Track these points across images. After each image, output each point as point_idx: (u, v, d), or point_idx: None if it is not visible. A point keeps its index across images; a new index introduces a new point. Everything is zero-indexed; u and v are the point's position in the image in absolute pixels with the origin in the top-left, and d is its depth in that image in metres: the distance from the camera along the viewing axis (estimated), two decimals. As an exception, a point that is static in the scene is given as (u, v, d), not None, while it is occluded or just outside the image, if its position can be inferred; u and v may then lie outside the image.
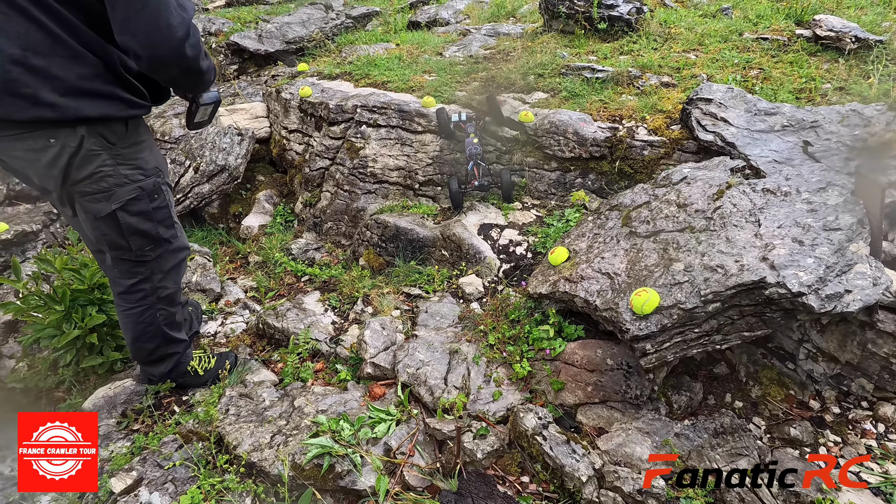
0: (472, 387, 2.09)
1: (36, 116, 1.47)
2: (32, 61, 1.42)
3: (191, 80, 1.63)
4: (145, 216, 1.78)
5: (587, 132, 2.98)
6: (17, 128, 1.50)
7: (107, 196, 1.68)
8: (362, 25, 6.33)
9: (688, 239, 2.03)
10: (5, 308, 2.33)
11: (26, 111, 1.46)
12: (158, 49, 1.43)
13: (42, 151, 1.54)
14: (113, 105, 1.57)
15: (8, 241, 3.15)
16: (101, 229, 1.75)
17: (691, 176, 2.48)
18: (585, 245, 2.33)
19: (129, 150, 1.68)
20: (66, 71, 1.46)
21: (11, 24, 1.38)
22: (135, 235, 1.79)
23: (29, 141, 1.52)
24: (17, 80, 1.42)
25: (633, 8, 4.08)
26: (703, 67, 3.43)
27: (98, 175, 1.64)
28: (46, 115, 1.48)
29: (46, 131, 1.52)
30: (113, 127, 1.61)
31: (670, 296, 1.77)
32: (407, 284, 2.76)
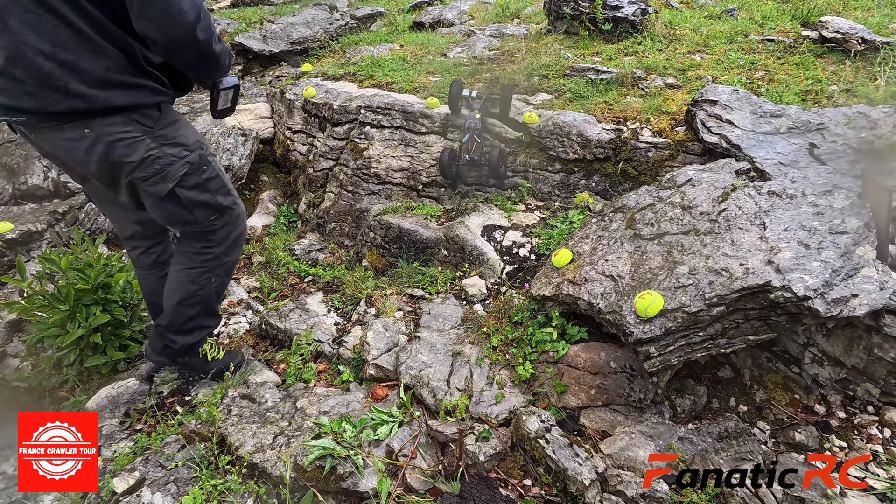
0: (475, 389, 2.09)
1: (69, 108, 1.56)
2: (61, 56, 1.50)
3: (205, 63, 1.70)
4: (201, 188, 1.86)
5: (591, 134, 2.97)
6: (54, 119, 1.59)
7: (162, 177, 1.76)
8: (367, 26, 6.33)
9: (692, 241, 2.02)
10: (10, 307, 2.34)
11: (60, 103, 1.54)
12: (172, 32, 1.52)
13: (79, 141, 1.63)
14: (140, 93, 1.64)
15: (13, 240, 3.16)
16: (168, 208, 1.84)
17: (696, 178, 2.47)
18: (589, 247, 2.32)
19: (166, 130, 1.75)
20: (94, 64, 1.54)
21: (42, 22, 1.46)
22: (198, 208, 1.88)
23: (67, 131, 1.61)
24: (49, 74, 1.50)
25: (638, 9, 4.07)
26: (709, 69, 3.41)
27: (149, 159, 1.72)
28: (78, 106, 1.56)
29: (81, 122, 1.60)
30: (146, 112, 1.69)
31: (674, 299, 1.76)
32: (410, 286, 2.76)
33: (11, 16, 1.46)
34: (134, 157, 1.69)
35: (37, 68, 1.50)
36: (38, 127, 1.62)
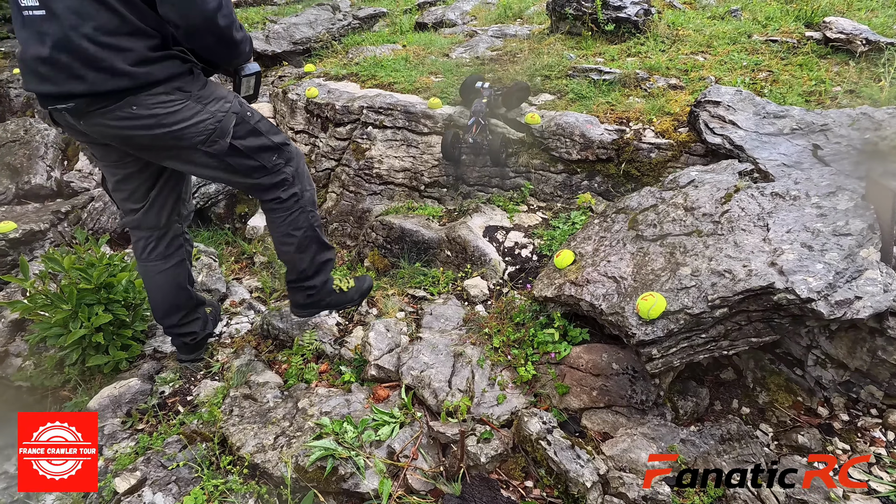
0: (477, 390, 2.08)
1: (116, 86, 1.61)
2: (103, 39, 1.56)
3: (226, 49, 1.74)
4: (254, 133, 1.92)
5: (594, 134, 2.97)
6: (103, 100, 1.63)
7: (219, 134, 1.81)
8: (369, 26, 6.33)
9: (695, 243, 2.01)
10: (13, 307, 2.34)
11: (108, 82, 1.60)
12: (193, 18, 1.57)
13: (129, 119, 1.69)
14: (174, 63, 1.70)
15: (16, 239, 3.17)
16: (234, 163, 1.90)
17: (699, 179, 2.46)
18: (591, 248, 2.32)
19: (204, 90, 1.80)
20: (133, 44, 1.61)
21: (84, 6, 1.53)
22: (258, 153, 1.93)
23: (116, 111, 1.66)
24: (95, 56, 1.57)
25: (641, 9, 4.06)
26: (712, 70, 3.40)
27: (202, 122, 1.78)
28: (124, 84, 1.62)
29: (127, 100, 1.65)
30: (183, 79, 1.74)
31: (677, 300, 1.76)
32: (412, 286, 2.76)
33: (56, 2, 1.53)
34: (185, 122, 1.75)
35: (83, 51, 1.55)
36: (85, 111, 1.66)
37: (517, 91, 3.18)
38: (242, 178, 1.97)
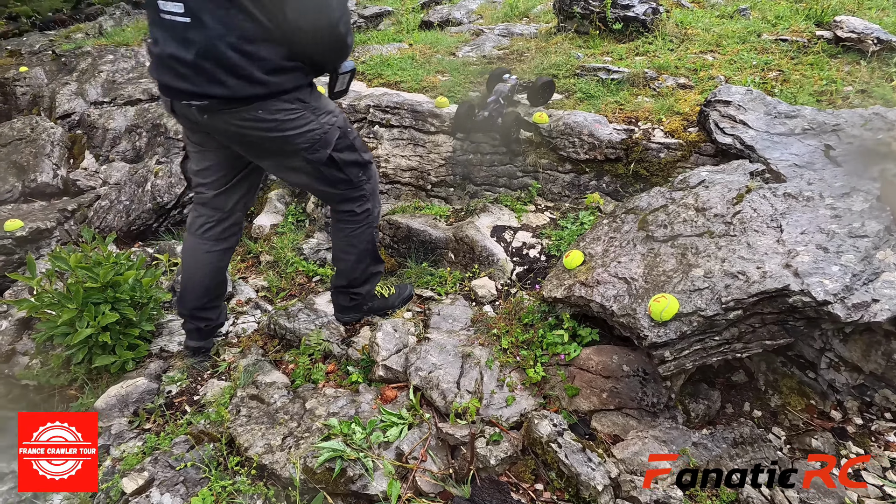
0: (485, 391, 2.07)
1: (252, 93, 1.74)
2: (245, 48, 1.67)
3: (339, 53, 1.86)
4: (350, 149, 2.06)
5: (602, 134, 2.94)
6: (238, 104, 1.76)
7: (323, 144, 1.95)
8: (374, 25, 6.32)
9: (707, 244, 1.99)
10: (20, 305, 2.34)
11: (246, 89, 1.72)
12: (320, 24, 1.68)
13: (253, 121, 1.80)
14: (298, 75, 1.82)
15: (23, 237, 3.17)
16: (326, 172, 2.03)
17: (709, 179, 2.43)
18: (601, 249, 2.30)
19: (317, 103, 1.93)
20: (270, 53, 1.71)
21: (230, 16, 1.62)
22: (349, 167, 2.07)
23: (242, 113, 1.78)
24: (237, 65, 1.68)
25: (649, 8, 4.03)
26: (721, 69, 3.38)
27: (312, 132, 1.91)
28: (259, 92, 1.75)
29: (256, 105, 1.78)
30: (303, 91, 1.87)
31: (690, 302, 1.74)
32: (419, 286, 2.74)
33: (205, 12, 1.62)
34: (299, 129, 1.87)
35: (226, 59, 1.66)
36: (216, 110, 1.78)
37: (542, 86, 3.19)
38: (326, 187, 2.11)
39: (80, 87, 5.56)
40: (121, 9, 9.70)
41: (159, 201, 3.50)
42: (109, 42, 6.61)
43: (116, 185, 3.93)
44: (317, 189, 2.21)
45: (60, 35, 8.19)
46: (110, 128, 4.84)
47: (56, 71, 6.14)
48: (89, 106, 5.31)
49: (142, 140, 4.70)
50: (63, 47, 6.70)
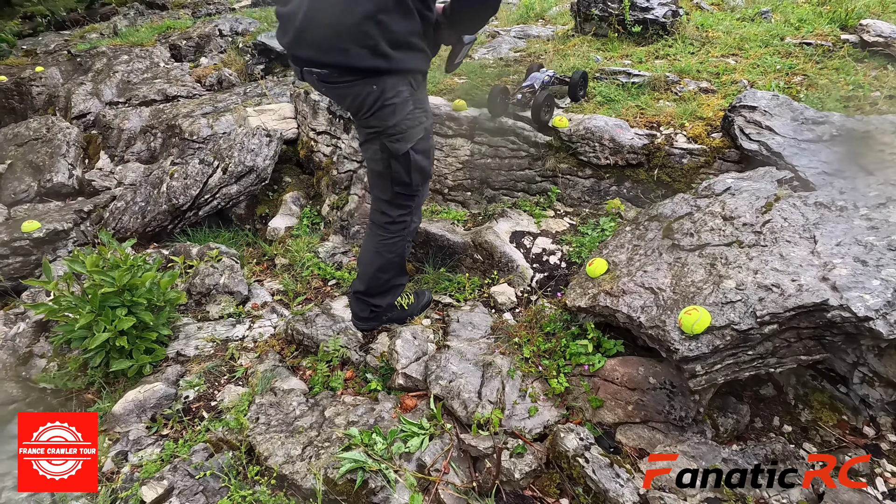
0: (507, 402, 2.03)
1: (371, 66, 1.71)
2: (380, 17, 1.64)
3: (488, 13, 1.87)
4: (426, 154, 2.04)
5: (624, 139, 2.89)
6: (354, 74, 1.75)
7: (406, 137, 1.92)
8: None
9: (737, 254, 1.94)
10: (37, 308, 2.33)
11: (366, 60, 1.70)
12: None
13: (366, 96, 1.79)
14: (420, 57, 1.82)
15: (40, 239, 3.17)
16: (394, 167, 1.99)
17: (735, 187, 2.38)
18: (625, 257, 2.25)
19: (420, 95, 1.93)
20: (401, 26, 1.69)
21: None
22: (416, 171, 2.04)
23: (359, 86, 1.77)
24: (366, 34, 1.65)
25: (669, 11, 3.98)
26: (744, 73, 3.31)
27: (407, 119, 1.89)
28: (380, 66, 1.73)
29: (372, 79, 1.76)
30: (416, 77, 1.88)
31: (722, 315, 1.69)
32: (437, 292, 2.71)
33: None
34: (397, 112, 1.85)
35: (357, 27, 1.64)
36: (334, 79, 1.78)
37: (582, 77, 3.23)
38: (385, 182, 2.06)
39: (96, 87, 5.58)
40: (135, 9, 9.74)
41: (175, 203, 3.49)
42: (124, 42, 6.63)
43: (132, 186, 3.92)
44: (374, 181, 2.14)
45: (75, 35, 8.24)
46: (125, 128, 4.85)
47: (71, 71, 6.17)
48: (104, 106, 5.32)
49: (156, 141, 4.71)
50: (78, 47, 6.73)
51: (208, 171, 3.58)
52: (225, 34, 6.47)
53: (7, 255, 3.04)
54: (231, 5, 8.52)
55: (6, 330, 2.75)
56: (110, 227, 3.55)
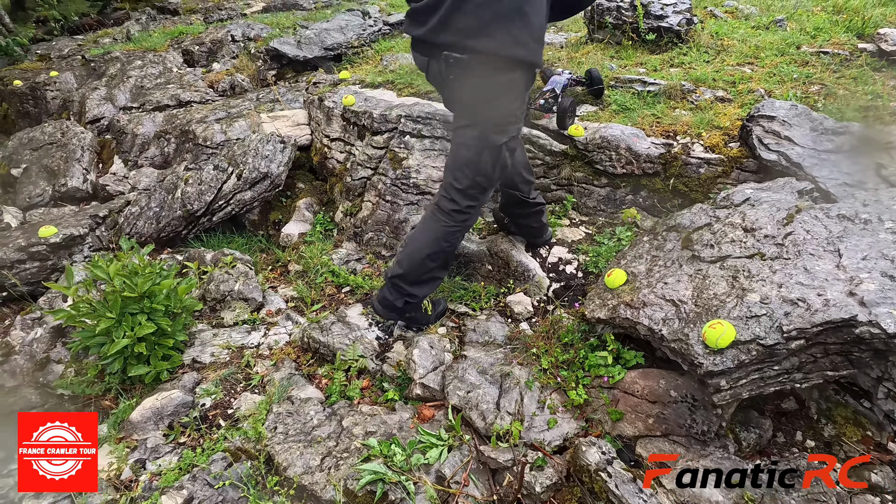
0: (526, 413, 2.02)
1: (513, 55, 1.79)
2: (525, 7, 1.73)
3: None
4: (511, 152, 2.11)
5: (640, 148, 2.89)
6: (494, 61, 1.82)
7: (505, 131, 2.01)
8: (399, 32, 6.33)
9: (760, 267, 1.92)
10: (56, 314, 2.34)
11: (508, 49, 1.78)
12: None
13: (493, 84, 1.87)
14: (538, 56, 1.88)
15: (56, 244, 3.19)
16: (484, 157, 2.04)
17: (755, 197, 2.37)
18: (644, 268, 2.24)
19: (527, 94, 2.02)
20: (539, 20, 1.78)
21: None
22: (500, 166, 2.10)
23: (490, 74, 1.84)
24: (512, 21, 1.73)
25: (684, 19, 3.97)
26: (761, 82, 3.30)
27: (513, 114, 1.99)
28: (519, 55, 1.81)
29: (507, 68, 1.84)
30: (531, 74, 1.95)
31: (747, 330, 1.67)
32: (453, 301, 2.70)
33: None
34: (506, 103, 1.95)
35: (506, 15, 1.72)
36: (471, 66, 1.83)
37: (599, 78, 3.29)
38: (469, 171, 2.09)
39: (109, 92, 5.62)
40: (147, 14, 9.83)
41: (189, 208, 3.51)
42: (137, 47, 6.69)
43: (146, 191, 3.94)
44: (459, 167, 2.12)
45: (89, 40, 8.31)
46: (139, 133, 4.88)
47: (85, 76, 6.22)
48: (118, 111, 5.36)
49: (170, 146, 4.73)
50: (92, 52, 6.79)
51: (223, 176, 3.60)
52: (237, 39, 6.51)
53: (24, 260, 3.06)
54: (242, 11, 8.57)
55: (24, 335, 2.76)
56: (125, 231, 3.57)
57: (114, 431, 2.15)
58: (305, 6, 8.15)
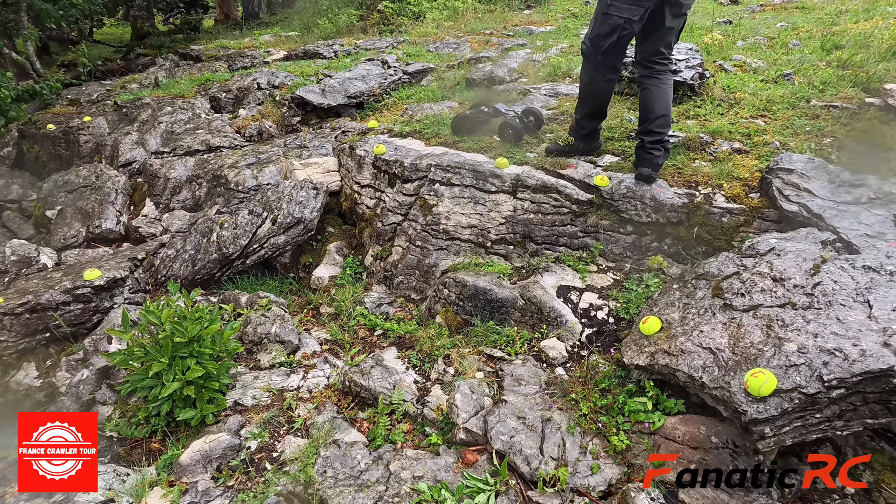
0: (570, 458, 2.07)
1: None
2: None
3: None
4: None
5: (664, 198, 3.02)
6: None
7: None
8: (418, 81, 6.60)
9: (793, 317, 2.02)
10: (111, 357, 2.42)
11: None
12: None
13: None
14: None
15: (100, 286, 3.30)
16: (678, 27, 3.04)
17: (779, 247, 2.48)
18: (678, 315, 2.33)
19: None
20: None
21: None
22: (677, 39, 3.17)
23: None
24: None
25: (696, 73, 4.18)
26: (775, 134, 3.46)
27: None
28: None
29: None
30: None
31: (788, 378, 1.75)
32: (487, 345, 2.78)
33: None
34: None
35: None
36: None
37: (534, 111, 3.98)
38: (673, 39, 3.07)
39: (141, 136, 5.85)
40: (170, 60, 10.26)
41: (225, 252, 3.63)
42: (166, 93, 6.98)
43: (181, 234, 4.08)
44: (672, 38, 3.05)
45: (116, 85, 8.66)
46: (171, 177, 5.06)
47: (117, 121, 6.48)
48: (150, 155, 5.57)
49: (202, 189, 4.91)
50: (121, 98, 7.08)
51: (258, 221, 3.74)
52: (262, 87, 6.80)
53: (69, 302, 3.16)
54: (264, 59, 8.95)
55: (69, 376, 2.84)
56: (161, 274, 3.68)
57: (164, 474, 2.19)
58: (326, 55, 8.51)
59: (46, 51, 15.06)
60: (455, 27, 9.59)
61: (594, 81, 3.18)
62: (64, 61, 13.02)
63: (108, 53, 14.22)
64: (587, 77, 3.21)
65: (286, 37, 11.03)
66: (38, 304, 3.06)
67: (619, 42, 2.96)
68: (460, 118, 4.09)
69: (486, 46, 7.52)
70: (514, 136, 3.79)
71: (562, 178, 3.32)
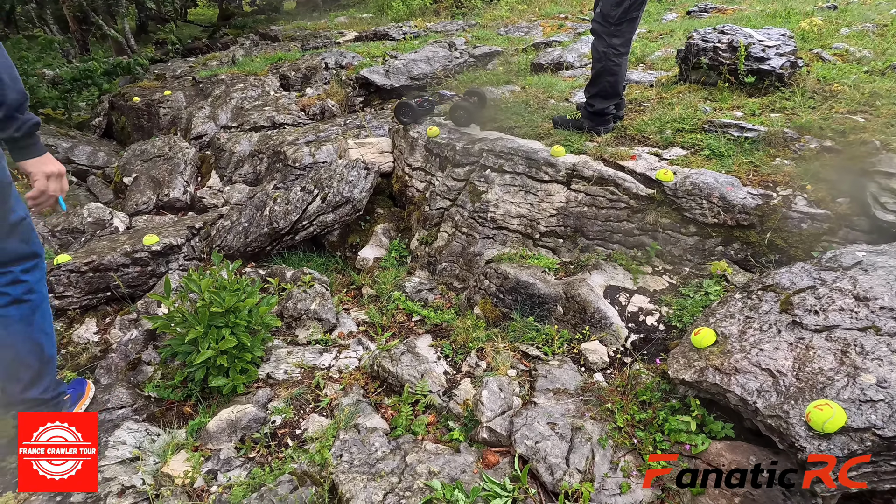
0: (597, 473, 1.91)
1: None
2: None
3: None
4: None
5: (736, 198, 2.72)
6: None
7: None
8: (483, 65, 6.43)
9: (875, 343, 1.74)
10: (153, 321, 2.51)
11: None
12: None
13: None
14: None
15: (156, 251, 3.45)
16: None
17: (868, 261, 2.15)
18: (736, 329, 2.08)
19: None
20: None
21: None
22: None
23: None
24: None
25: (787, 62, 3.75)
26: (876, 132, 3.03)
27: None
28: None
29: None
30: None
31: (860, 416, 1.50)
32: (524, 342, 2.64)
33: None
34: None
35: None
36: None
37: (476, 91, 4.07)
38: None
39: (213, 111, 6.09)
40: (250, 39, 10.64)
41: (275, 226, 3.69)
42: (241, 71, 7.23)
43: (237, 207, 4.20)
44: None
45: (199, 62, 9.10)
46: (236, 151, 5.23)
47: (194, 95, 6.79)
48: (219, 129, 5.79)
49: (262, 165, 5.04)
50: (200, 74, 7.42)
51: (308, 198, 3.76)
52: (330, 67, 6.88)
53: (128, 265, 3.33)
54: (336, 39, 9.08)
55: (121, 334, 2.99)
56: (216, 244, 3.80)
57: (191, 439, 2.25)
58: (395, 36, 8.50)
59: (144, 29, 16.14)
60: (529, 10, 9.29)
61: (606, 57, 3.18)
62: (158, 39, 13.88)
63: (197, 32, 15.02)
64: (598, 54, 3.22)
65: (360, 18, 11.15)
66: (101, 264, 3.23)
67: (631, 8, 2.97)
68: (401, 105, 4.05)
69: (559, 31, 7.21)
70: (465, 118, 3.83)
71: (621, 170, 3.09)
